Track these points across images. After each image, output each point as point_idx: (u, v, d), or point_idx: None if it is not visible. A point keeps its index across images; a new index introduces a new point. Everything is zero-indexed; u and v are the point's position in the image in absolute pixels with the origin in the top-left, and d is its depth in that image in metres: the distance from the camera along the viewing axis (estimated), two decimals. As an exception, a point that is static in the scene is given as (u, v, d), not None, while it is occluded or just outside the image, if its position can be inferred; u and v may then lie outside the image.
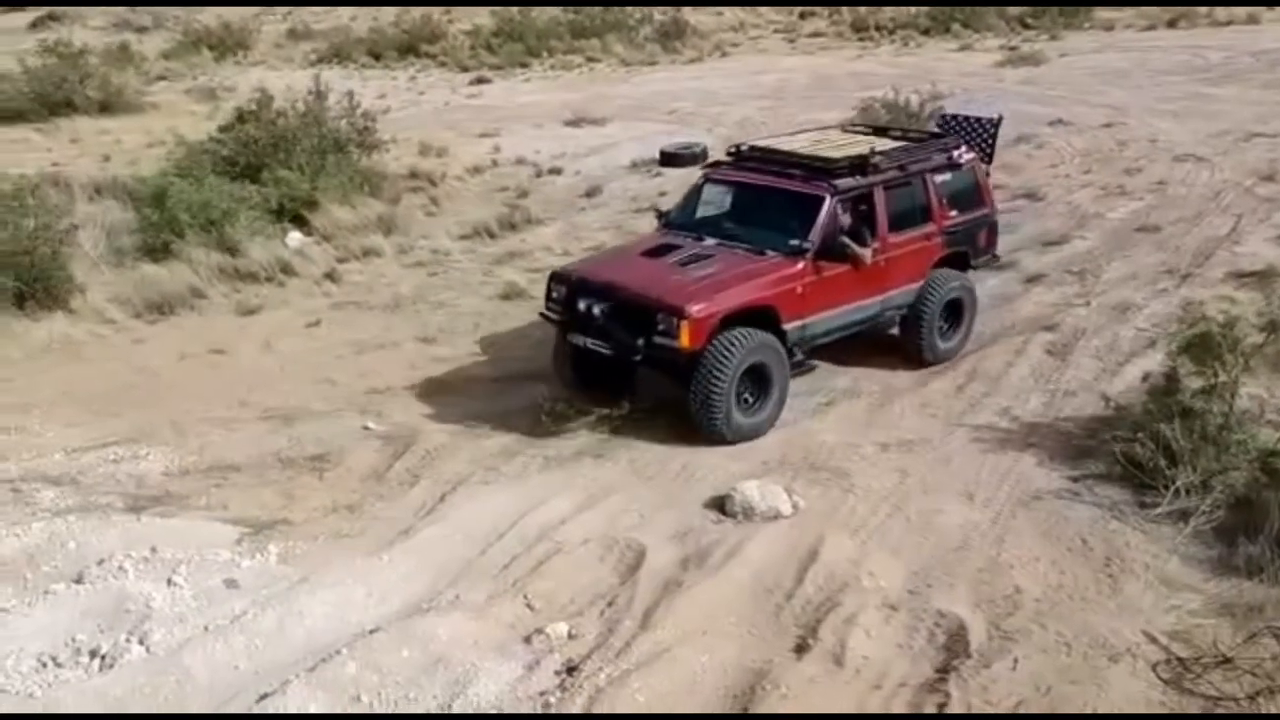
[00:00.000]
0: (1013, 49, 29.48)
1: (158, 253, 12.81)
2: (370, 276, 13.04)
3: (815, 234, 8.74)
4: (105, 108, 22.82)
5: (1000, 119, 11.09)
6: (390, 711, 5.47)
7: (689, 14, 35.13)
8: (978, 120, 10.89)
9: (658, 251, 9.11)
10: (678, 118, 21.85)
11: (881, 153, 9.36)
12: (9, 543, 6.86)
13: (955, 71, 25.66)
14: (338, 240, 13.80)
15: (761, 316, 8.50)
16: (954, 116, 11.28)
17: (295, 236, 13.80)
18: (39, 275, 11.30)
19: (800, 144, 9.89)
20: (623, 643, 5.92)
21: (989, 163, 10.61)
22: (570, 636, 6.03)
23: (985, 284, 11.72)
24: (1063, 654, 5.85)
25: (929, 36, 33.62)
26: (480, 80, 28.40)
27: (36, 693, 5.52)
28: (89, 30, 35.83)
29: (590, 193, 16.38)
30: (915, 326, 9.62)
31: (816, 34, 35.73)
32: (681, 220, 9.69)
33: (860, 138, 10.15)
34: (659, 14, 34.79)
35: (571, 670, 5.75)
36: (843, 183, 8.97)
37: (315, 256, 13.31)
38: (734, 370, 8.16)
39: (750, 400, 8.47)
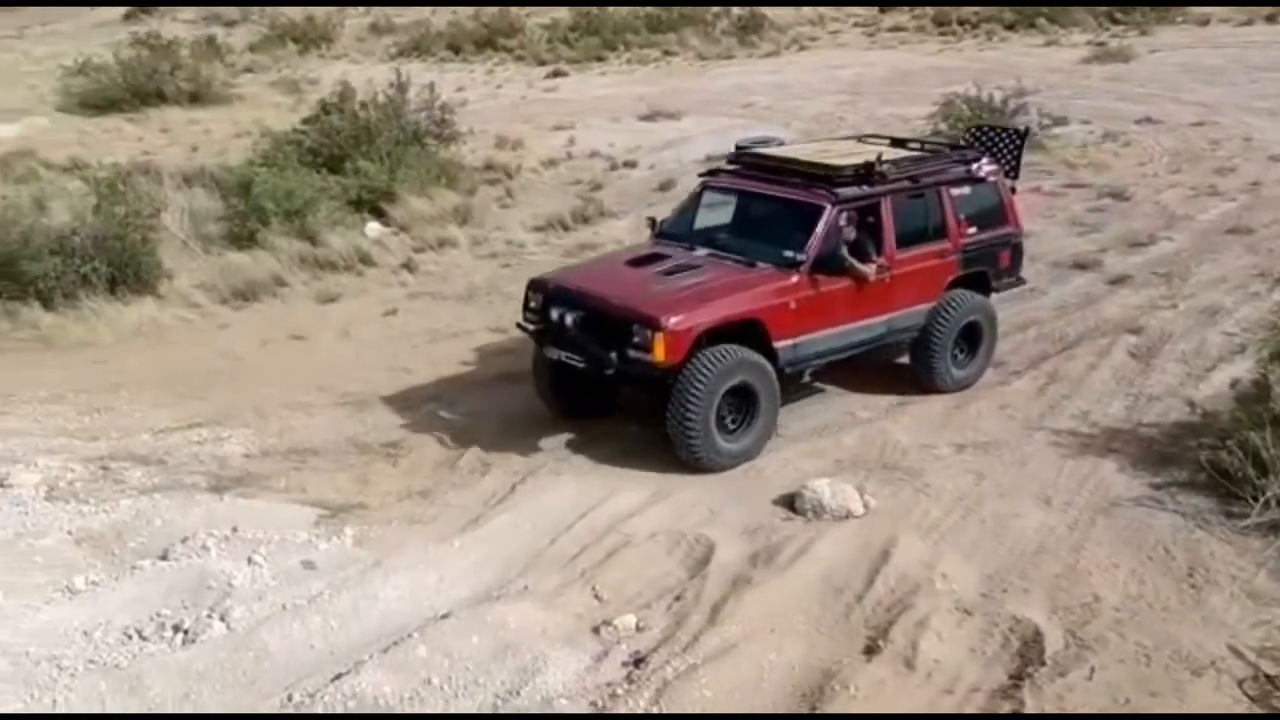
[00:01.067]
0: (1100, 44, 28.79)
1: (243, 241, 13.17)
2: (445, 267, 13.21)
3: (811, 246, 8.11)
4: (194, 99, 23.48)
5: (1027, 130, 10.52)
6: (437, 706, 5.54)
7: (767, 8, 34.87)
8: (1003, 130, 10.13)
9: (643, 261, 8.58)
10: (753, 112, 21.69)
11: (889, 161, 8.69)
12: (99, 518, 7.14)
13: (1040, 67, 25.08)
14: (415, 231, 14.03)
15: (750, 333, 7.91)
16: (979, 127, 10.51)
17: (374, 227, 14.07)
18: (129, 261, 11.69)
19: (807, 152, 9.32)
20: (690, 637, 5.91)
21: (1014, 177, 9.65)
22: (638, 629, 6.03)
23: (1070, 284, 11.52)
24: (1142, 665, 5.69)
25: (1013, 31, 32.99)
26: (556, 74, 28.57)
27: (122, 664, 5.71)
28: (179, 24, 36.91)
29: (664, 186, 16.33)
30: (925, 351, 8.95)
31: (897, 28, 35.24)
32: (676, 230, 9.05)
33: (872, 147, 9.44)
34: (736, 8, 34.62)
35: (639, 662, 5.76)
36: (845, 192, 8.34)
37: (393, 247, 13.56)
38: (713, 390, 7.61)
39: (734, 424, 7.93)
